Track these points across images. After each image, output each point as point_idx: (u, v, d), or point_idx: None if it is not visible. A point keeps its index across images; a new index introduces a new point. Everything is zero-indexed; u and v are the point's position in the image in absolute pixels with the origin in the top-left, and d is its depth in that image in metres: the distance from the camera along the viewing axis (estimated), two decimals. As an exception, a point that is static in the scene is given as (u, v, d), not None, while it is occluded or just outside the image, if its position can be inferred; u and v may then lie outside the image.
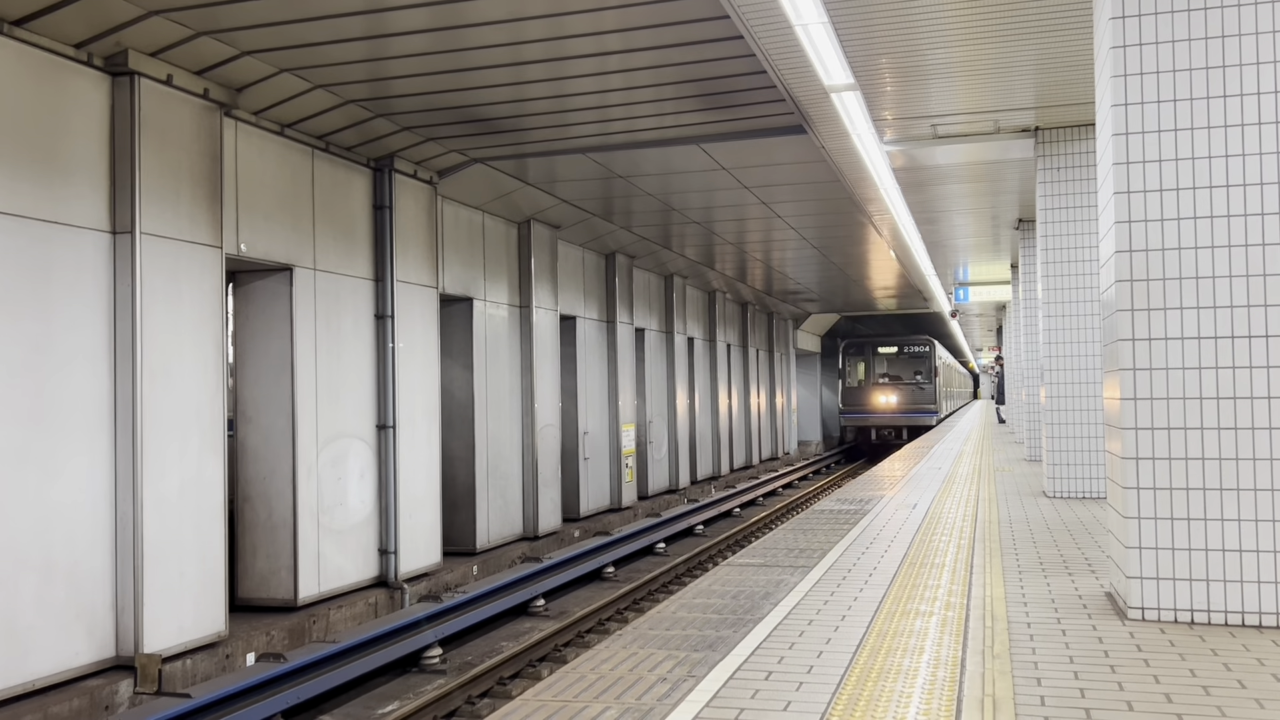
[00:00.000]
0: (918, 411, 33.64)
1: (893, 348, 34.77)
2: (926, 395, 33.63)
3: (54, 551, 6.94)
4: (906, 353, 34.61)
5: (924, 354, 34.34)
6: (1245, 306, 4.46)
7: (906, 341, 34.91)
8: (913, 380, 34.05)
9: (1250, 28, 4.48)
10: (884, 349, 34.85)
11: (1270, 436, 4.44)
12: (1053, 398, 9.67)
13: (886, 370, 34.95)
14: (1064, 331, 9.66)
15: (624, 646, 4.34)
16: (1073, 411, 9.56)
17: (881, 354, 34.96)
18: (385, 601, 10.32)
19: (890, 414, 33.87)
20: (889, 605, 5.01)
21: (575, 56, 8.32)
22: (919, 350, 34.53)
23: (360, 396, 10.37)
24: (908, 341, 34.91)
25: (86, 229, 7.28)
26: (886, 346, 34.82)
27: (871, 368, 34.98)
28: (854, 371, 35.39)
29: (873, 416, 34.08)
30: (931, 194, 13.36)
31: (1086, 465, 9.54)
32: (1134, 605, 4.60)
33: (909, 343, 34.88)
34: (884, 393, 34.05)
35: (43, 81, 6.98)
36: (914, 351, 34.56)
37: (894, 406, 33.78)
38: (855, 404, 34.43)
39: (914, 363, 34.61)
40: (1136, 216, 4.61)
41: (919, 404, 33.70)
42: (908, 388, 33.96)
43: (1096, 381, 9.53)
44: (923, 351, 34.39)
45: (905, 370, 34.71)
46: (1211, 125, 4.53)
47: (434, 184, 11.52)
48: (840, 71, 8.10)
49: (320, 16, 7.35)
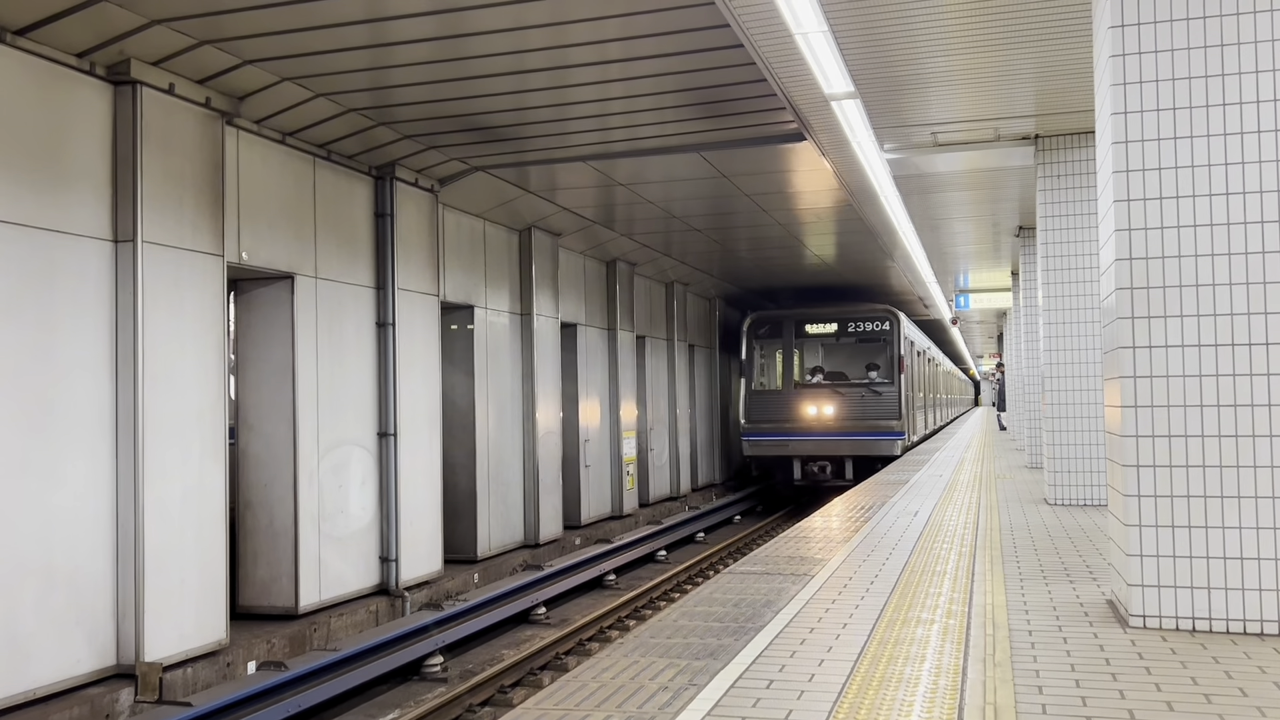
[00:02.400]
0: (870, 432, 20.15)
1: (828, 325, 21.19)
2: (885, 405, 20.27)
3: (55, 559, 6.94)
4: (852, 334, 21.14)
5: (880, 335, 20.91)
6: (1245, 314, 4.47)
7: (851, 316, 21.15)
8: (862, 380, 20.82)
9: (1249, 36, 4.49)
10: (814, 327, 21.28)
11: (1271, 444, 4.44)
12: (1053, 405, 9.67)
13: (819, 363, 22.10)
14: (1064, 339, 9.66)
15: (625, 654, 4.34)
16: (1074, 418, 9.56)
17: (809, 336, 21.42)
18: (386, 609, 10.31)
19: (824, 435, 20.39)
20: (890, 613, 5.01)
21: (576, 65, 8.34)
22: (873, 329, 20.99)
23: (361, 404, 10.38)
24: (853, 315, 21.14)
25: (89, 237, 7.29)
26: (818, 324, 21.25)
27: (792, 359, 21.51)
28: (764, 366, 22.04)
29: (794, 440, 20.51)
30: (932, 201, 13.37)
31: (1087, 472, 9.53)
32: (1135, 613, 4.60)
33: (855, 317, 21.12)
34: (812, 401, 20.55)
35: (46, 90, 7.00)
36: (865, 332, 21.04)
37: (830, 423, 20.38)
38: (765, 420, 20.75)
39: (864, 350, 21.51)
40: (1136, 224, 4.61)
41: (872, 419, 20.24)
42: (852, 393, 20.48)
43: (1097, 389, 9.52)
44: (878, 331, 20.91)
45: (849, 363, 21.77)
46: (1211, 133, 4.54)
47: (435, 192, 11.54)
48: (840, 79, 8.11)
49: (322, 25, 7.37)
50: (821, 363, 22.23)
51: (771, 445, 20.69)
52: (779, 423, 20.60)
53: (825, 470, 20.24)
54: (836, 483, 19.83)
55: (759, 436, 20.83)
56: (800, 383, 21.22)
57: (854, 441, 20.12)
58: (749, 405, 21.01)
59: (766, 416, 20.76)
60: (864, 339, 21.19)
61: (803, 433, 20.46)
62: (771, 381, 21.78)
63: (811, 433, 20.41)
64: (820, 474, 20.29)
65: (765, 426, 20.73)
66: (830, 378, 21.27)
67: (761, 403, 20.98)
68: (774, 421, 20.63)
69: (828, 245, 17.99)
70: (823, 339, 21.59)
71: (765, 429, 20.74)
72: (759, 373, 21.78)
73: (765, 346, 21.91)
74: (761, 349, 21.90)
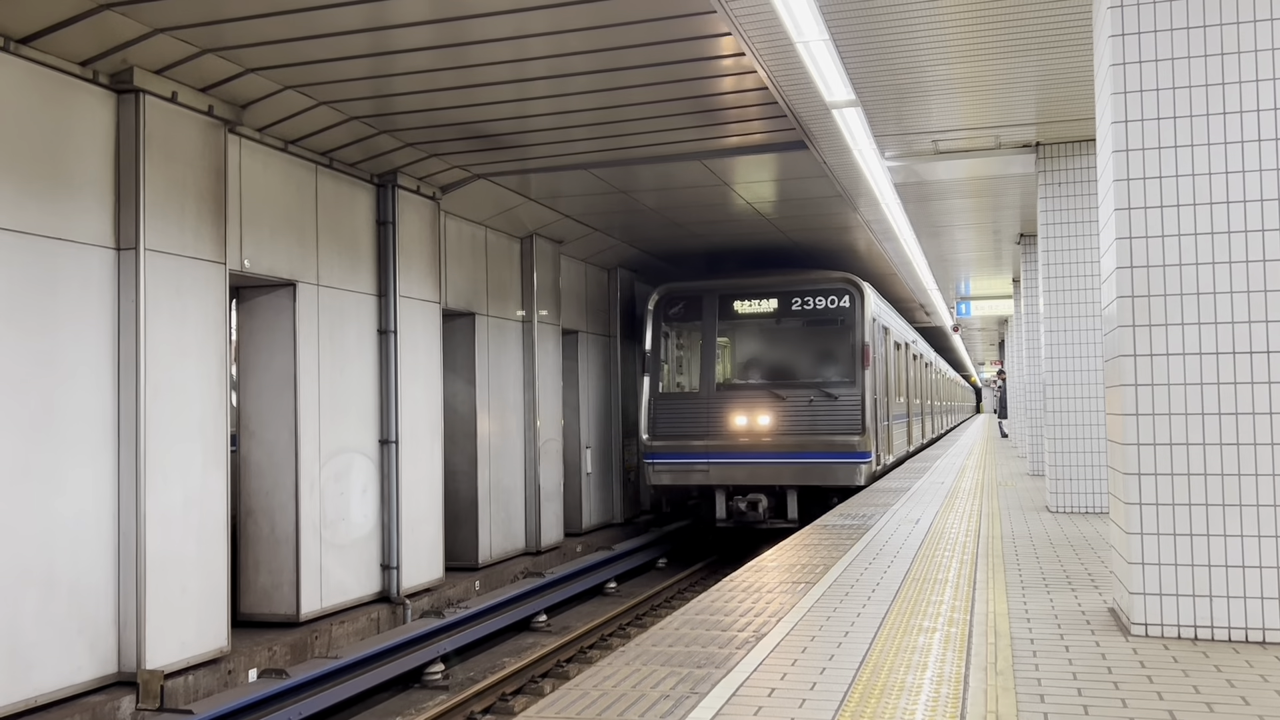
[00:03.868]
0: (822, 453, 14.52)
1: (765, 302, 15.44)
2: (843, 414, 14.65)
3: (57, 566, 6.94)
4: (798, 313, 15.31)
5: (838, 316, 15.13)
6: (1246, 322, 4.48)
7: (798, 288, 15.34)
8: (812, 380, 15.03)
9: (1249, 45, 4.50)
10: (745, 305, 15.54)
11: (1273, 452, 4.44)
12: (1055, 412, 9.67)
13: (755, 355, 15.68)
14: (1066, 346, 9.66)
15: (627, 663, 4.34)
16: (1075, 426, 9.55)
17: (739, 317, 15.57)
18: (388, 617, 10.30)
19: (758, 458, 14.71)
20: (892, 621, 5.01)
21: (578, 73, 8.36)
22: (828, 306, 15.21)
23: (363, 411, 10.38)
24: (801, 288, 15.33)
25: (91, 245, 7.31)
26: (751, 299, 15.50)
27: (715, 350, 15.49)
28: (680, 360, 16.33)
29: (716, 465, 14.85)
30: (933, 209, 13.39)
31: (1089, 480, 9.53)
32: (1137, 621, 4.60)
33: (803, 289, 15.31)
34: (742, 409, 14.90)
35: (49, 99, 7.02)
36: (816, 310, 15.24)
37: (767, 440, 14.70)
38: (677, 436, 15.09)
39: (816, 337, 15.38)
40: (1137, 233, 4.62)
41: (825, 434, 14.58)
42: (797, 397, 14.79)
43: (1099, 396, 9.53)
44: (835, 310, 15.15)
45: (796, 354, 15.46)
46: (1211, 142, 4.55)
47: (437, 199, 11.56)
48: (841, 88, 8.13)
49: (324, 34, 7.40)
50: (757, 354, 15.56)
51: (685, 471, 14.74)
52: (696, 440, 14.76)
53: (759, 507, 14.35)
54: (775, 524, 14.35)
55: (668, 459, 14.86)
56: (726, 383, 15.31)
57: (799, 466, 14.30)
58: (654, 415, 15.14)
59: (678, 431, 14.94)
60: (815, 320, 15.14)
61: (728, 453, 14.61)
62: (687, 381, 15.97)
63: (741, 454, 14.55)
64: (751, 512, 14.38)
65: (676, 445, 14.87)
66: (769, 376, 15.15)
67: (672, 412, 15.12)
68: (689, 438, 14.80)
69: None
70: (759, 321, 15.37)
71: (676, 448, 14.87)
72: (670, 370, 15.90)
73: (680, 332, 16.01)
74: (675, 336, 16.00)
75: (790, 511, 14.64)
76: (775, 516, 14.77)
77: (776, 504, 14.77)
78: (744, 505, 14.58)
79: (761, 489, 14.70)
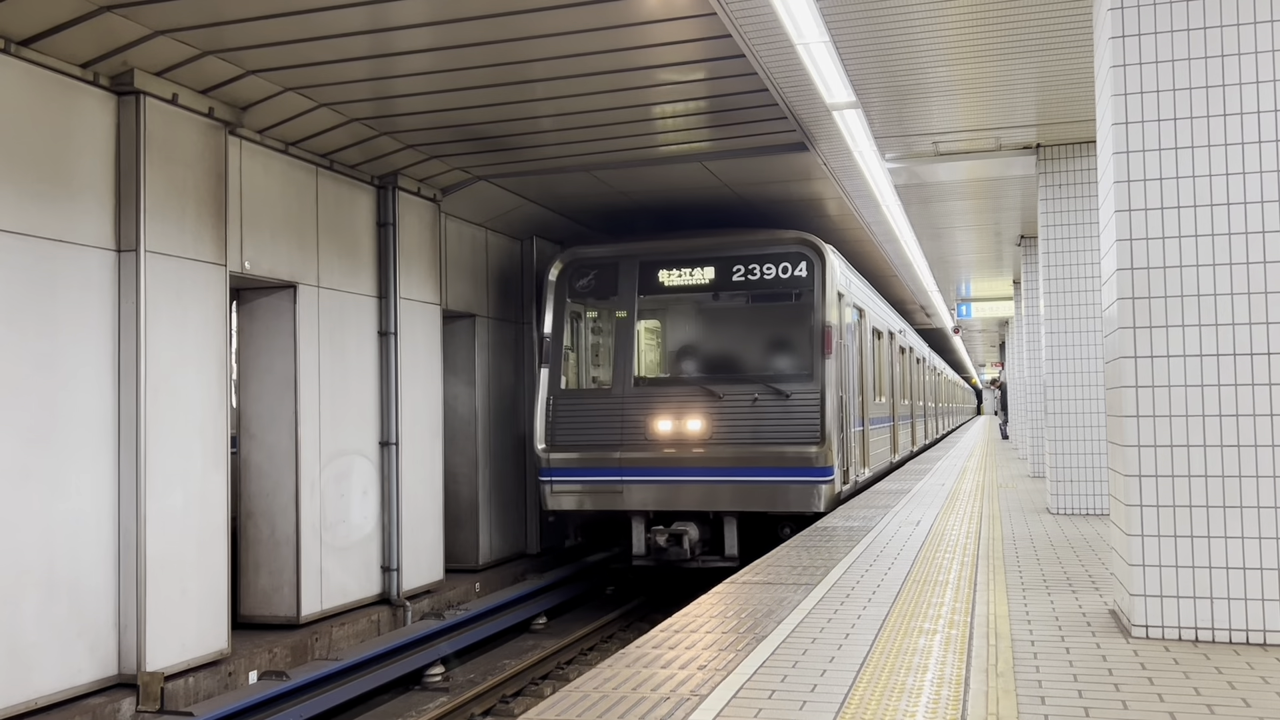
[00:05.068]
0: (769, 469, 11.04)
1: (698, 271, 11.97)
2: (797, 418, 11.16)
3: (57, 568, 6.94)
4: (741, 285, 11.88)
5: (791, 288, 11.68)
6: (1247, 324, 4.47)
7: (741, 253, 11.85)
8: (756, 372, 11.73)
9: (1250, 47, 4.50)
10: (673, 275, 12.05)
11: (1274, 454, 4.44)
12: (1055, 414, 9.67)
13: (682, 343, 12.66)
14: (1066, 348, 9.66)
15: (627, 665, 4.34)
16: (1076, 428, 9.55)
17: (665, 290, 12.13)
18: (388, 619, 10.30)
19: (686, 476, 11.28)
20: (893, 623, 5.01)
21: (578, 75, 8.36)
22: (779, 277, 11.71)
23: (363, 413, 10.38)
24: (744, 253, 11.83)
25: (92, 247, 7.31)
26: (680, 267, 12.02)
27: (634, 335, 12.01)
28: (583, 347, 12.98)
29: (633, 485, 11.43)
30: (934, 210, 13.39)
31: (1090, 481, 9.53)
32: (1138, 623, 4.60)
33: (747, 254, 11.82)
34: (666, 412, 11.47)
35: (49, 101, 7.02)
36: (764, 282, 11.78)
37: (698, 452, 11.28)
38: (581, 446, 11.71)
39: (763, 317, 12.08)
40: (1138, 234, 4.62)
41: (774, 444, 11.09)
42: (737, 396, 11.33)
43: (1099, 398, 9.53)
44: (788, 281, 11.67)
45: (737, 339, 12.26)
46: (1212, 144, 4.55)
47: (437, 201, 11.56)
48: (842, 89, 8.14)
49: (324, 36, 7.40)
50: (688, 339, 12.47)
51: (591, 492, 11.48)
52: (606, 452, 11.45)
53: (684, 541, 11.01)
54: (709, 562, 11.25)
55: (569, 476, 11.54)
56: (647, 378, 12.10)
57: (739, 487, 11.01)
58: (553, 419, 11.75)
59: (584, 439, 11.59)
60: (763, 295, 11.84)
61: (648, 469, 11.29)
62: (597, 375, 12.77)
63: (665, 470, 11.24)
64: (674, 546, 11.06)
65: (581, 458, 11.54)
66: (702, 368, 12.02)
67: (576, 414, 11.73)
68: (597, 449, 11.49)
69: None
70: (690, 295, 12.07)
71: (580, 462, 11.54)
72: (577, 360, 12.66)
73: (589, 311, 12.83)
74: (583, 316, 12.79)
75: (728, 546, 11.20)
76: (710, 553, 11.38)
77: (712, 535, 11.41)
78: (662, 541, 11.00)
79: (691, 516, 11.30)
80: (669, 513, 11.38)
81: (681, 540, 11.08)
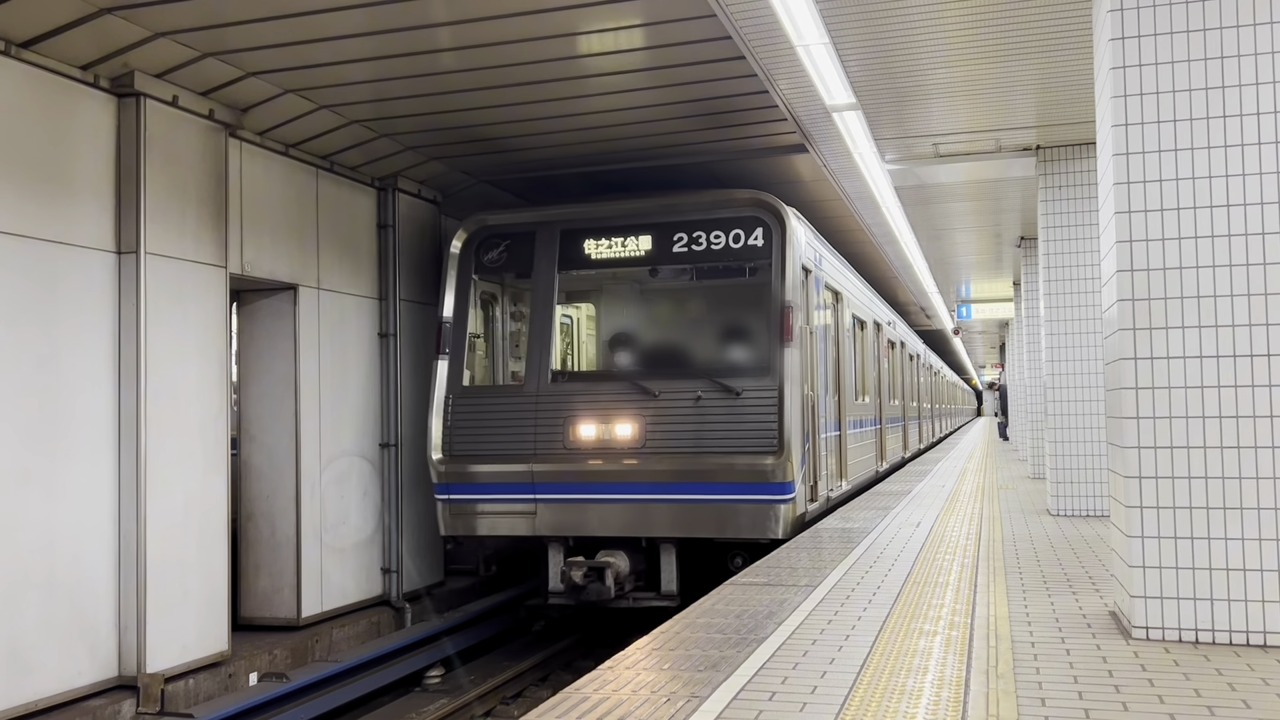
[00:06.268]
0: (716, 485, 8.88)
1: (632, 240, 9.57)
2: (750, 420, 8.91)
3: (57, 570, 6.94)
4: (684, 256, 9.53)
5: (745, 259, 9.50)
6: (1247, 325, 4.47)
7: (685, 218, 9.50)
8: (701, 365, 9.88)
9: (1250, 49, 4.51)
10: (601, 246, 9.66)
11: (1274, 455, 4.44)
12: (1055, 415, 9.67)
13: (613, 330, 11.34)
14: (1066, 349, 9.66)
15: (627, 667, 4.34)
16: (1076, 429, 9.55)
17: (593, 264, 9.80)
18: (388, 620, 10.30)
19: (614, 493, 9.11)
20: (893, 624, 5.01)
21: (578, 77, 8.37)
22: (730, 246, 9.38)
23: (364, 415, 10.38)
24: (689, 218, 9.49)
25: (92, 249, 7.31)
26: (611, 235, 9.63)
27: (549, 318, 9.67)
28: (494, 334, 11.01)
29: (548, 504, 9.25)
30: (933, 212, 13.39)
31: (1090, 483, 9.52)
32: (1138, 624, 4.60)
33: (692, 220, 9.48)
34: (592, 414, 9.24)
35: (50, 103, 7.03)
36: (711, 253, 9.44)
37: (625, 461, 9.09)
38: (485, 455, 9.50)
39: (712, 297, 10.76)
40: (1138, 236, 4.62)
41: (722, 455, 8.91)
42: (677, 394, 9.10)
43: (1099, 399, 9.52)
44: (743, 251, 9.37)
45: (678, 324, 11.06)
46: (1211, 145, 4.55)
47: (438, 203, 11.56)
48: (841, 91, 8.14)
49: (325, 38, 7.41)
50: (619, 325, 11.08)
51: (498, 514, 9.46)
52: (515, 463, 9.38)
53: (605, 575, 8.92)
54: (642, 600, 9.22)
55: (470, 492, 9.53)
56: (566, 373, 10.72)
57: (679, 509, 9.00)
58: (451, 422, 9.72)
59: (488, 448, 9.54)
60: (710, 270, 10.03)
61: (567, 485, 9.26)
62: (507, 369, 10.95)
63: (587, 486, 9.22)
64: (595, 581, 8.97)
65: (484, 472, 9.48)
66: (636, 361, 10.18)
67: (479, 416, 9.65)
68: (504, 460, 9.43)
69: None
70: (623, 270, 10.22)
71: (484, 476, 9.48)
72: (487, 350, 10.79)
73: (501, 291, 10.99)
74: (493, 297, 10.93)
75: (665, 581, 9.17)
76: (643, 589, 9.34)
77: (643, 567, 9.33)
78: (580, 577, 8.90)
79: (621, 543, 9.20)
80: (593, 539, 9.24)
81: (604, 574, 8.89)
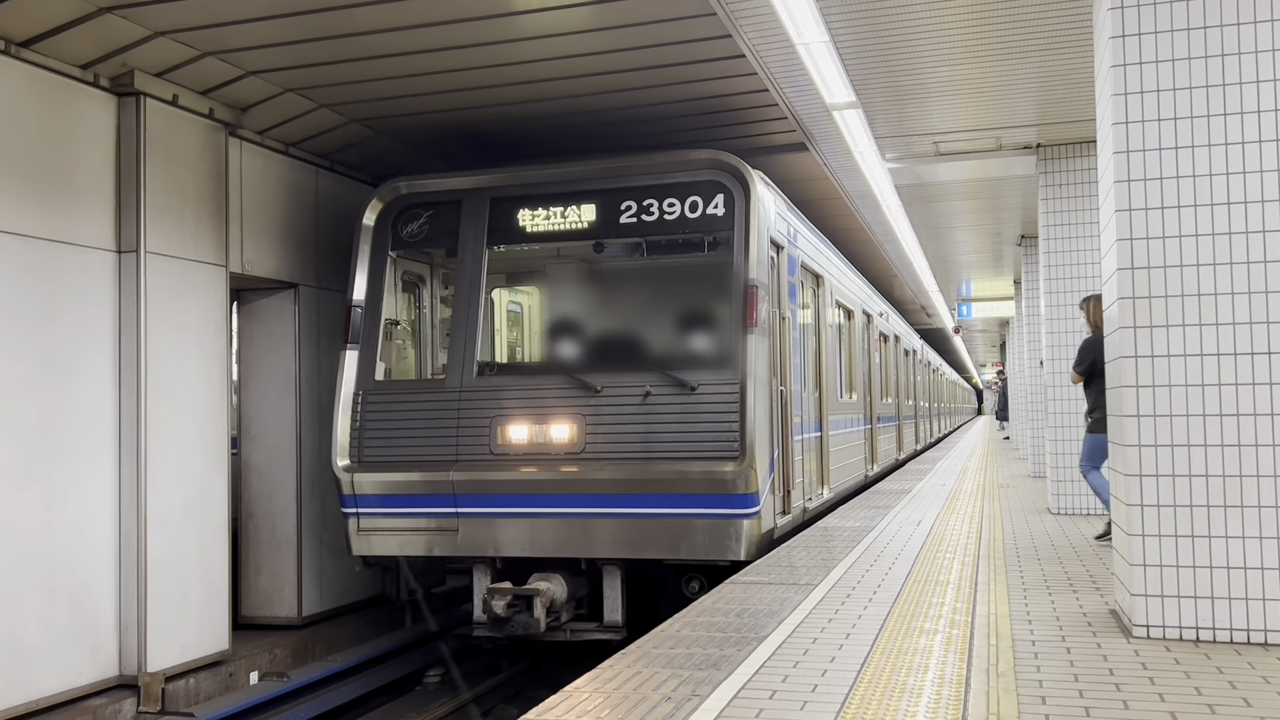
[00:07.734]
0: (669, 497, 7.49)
1: (573, 210, 8.19)
2: (708, 421, 7.53)
3: (57, 570, 6.94)
4: (629, 228, 8.13)
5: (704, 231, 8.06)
6: (1247, 323, 4.47)
7: (634, 183, 8.10)
8: (651, 356, 8.20)
9: (1250, 47, 4.50)
10: (538, 216, 8.26)
11: (1274, 453, 4.43)
12: (1056, 414, 9.66)
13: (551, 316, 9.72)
14: (1067, 348, 9.65)
15: (628, 666, 4.34)
16: (1076, 428, 9.53)
17: (524, 236, 8.33)
18: (388, 619, 10.29)
19: (549, 506, 7.73)
20: (893, 623, 5.00)
21: (578, 76, 8.35)
22: (685, 215, 7.96)
23: (364, 414, 10.37)
24: (640, 183, 8.09)
25: (92, 248, 7.31)
26: (548, 204, 8.24)
27: (477, 301, 8.23)
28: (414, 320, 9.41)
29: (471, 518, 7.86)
30: (934, 210, 13.39)
31: (1090, 481, 9.52)
32: (1139, 623, 4.59)
33: (642, 185, 8.07)
34: (526, 413, 7.88)
35: (50, 102, 7.02)
36: (664, 223, 8.01)
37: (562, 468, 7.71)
38: (400, 462, 8.11)
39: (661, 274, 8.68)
40: (1138, 234, 4.62)
41: (677, 460, 7.51)
42: (622, 388, 7.72)
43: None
44: (700, 221, 7.95)
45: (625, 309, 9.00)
46: (1212, 143, 4.55)
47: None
48: (842, 89, 8.13)
49: (324, 37, 7.40)
50: (558, 310, 9.74)
51: (415, 530, 8.18)
52: (434, 471, 8.08)
53: (534, 604, 7.56)
54: (580, 633, 8.02)
55: (382, 506, 8.25)
56: (494, 364, 9.27)
57: (624, 524, 7.73)
58: (361, 422, 8.41)
59: (402, 452, 8.28)
60: (663, 245, 8.53)
61: (494, 497, 7.96)
62: (427, 361, 9.60)
63: (517, 497, 7.92)
64: (520, 614, 7.65)
65: (399, 481, 8.18)
66: (577, 351, 8.74)
67: (392, 416, 8.36)
68: (421, 467, 8.14)
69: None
70: (561, 245, 8.90)
71: (398, 486, 8.19)
72: (402, 339, 9.39)
73: (431, 268, 9.69)
74: (429, 278, 9.70)
75: (609, 610, 7.93)
76: (584, 618, 8.15)
77: (584, 594, 8.13)
78: (503, 605, 7.60)
79: (558, 564, 7.97)
80: (526, 560, 7.94)
81: (533, 603, 7.50)
